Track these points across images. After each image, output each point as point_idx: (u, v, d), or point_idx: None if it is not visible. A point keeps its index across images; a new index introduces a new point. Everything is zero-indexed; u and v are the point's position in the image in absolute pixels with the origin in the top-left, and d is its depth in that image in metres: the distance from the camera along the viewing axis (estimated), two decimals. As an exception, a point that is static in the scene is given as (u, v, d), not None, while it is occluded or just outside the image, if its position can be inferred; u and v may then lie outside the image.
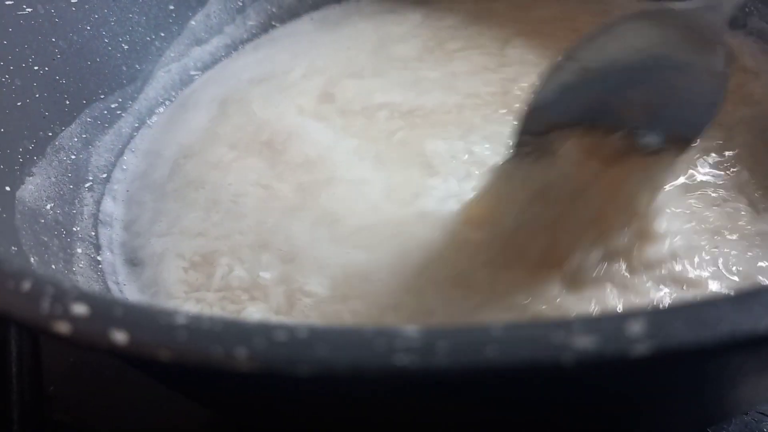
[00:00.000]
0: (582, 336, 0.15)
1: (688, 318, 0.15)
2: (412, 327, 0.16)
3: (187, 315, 0.18)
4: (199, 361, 0.17)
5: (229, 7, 0.56)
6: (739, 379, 0.18)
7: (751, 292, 0.15)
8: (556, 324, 0.16)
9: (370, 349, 0.16)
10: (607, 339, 0.15)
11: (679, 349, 0.15)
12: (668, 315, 0.15)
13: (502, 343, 0.15)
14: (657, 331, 0.15)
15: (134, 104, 0.50)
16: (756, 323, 0.14)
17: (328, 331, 0.17)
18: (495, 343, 0.15)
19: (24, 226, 0.35)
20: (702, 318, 0.15)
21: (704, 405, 0.20)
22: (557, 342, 0.15)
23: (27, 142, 0.40)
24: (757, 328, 0.14)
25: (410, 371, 0.15)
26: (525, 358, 0.15)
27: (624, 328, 0.15)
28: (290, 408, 0.24)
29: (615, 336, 0.15)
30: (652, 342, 0.15)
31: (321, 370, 0.16)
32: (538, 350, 0.15)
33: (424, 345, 0.16)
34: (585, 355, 0.15)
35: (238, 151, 0.47)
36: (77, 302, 0.19)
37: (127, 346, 0.17)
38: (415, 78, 0.50)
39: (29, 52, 0.43)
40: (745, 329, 0.15)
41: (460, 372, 0.15)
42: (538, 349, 0.15)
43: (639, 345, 0.15)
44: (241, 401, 0.26)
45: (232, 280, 0.39)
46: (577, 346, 0.15)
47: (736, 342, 0.15)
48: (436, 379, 0.15)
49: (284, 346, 0.16)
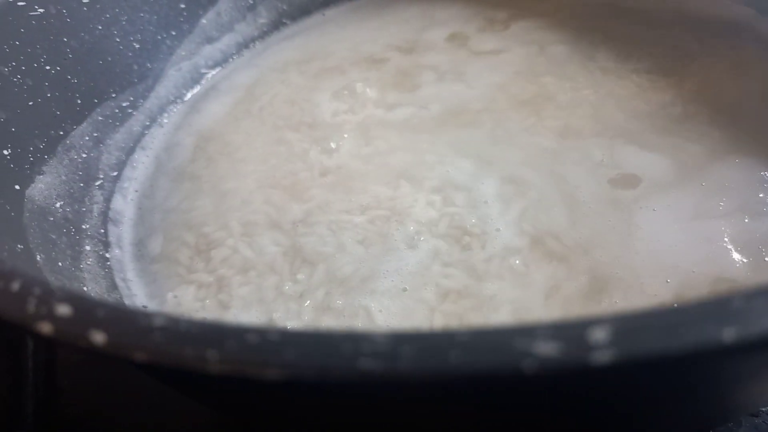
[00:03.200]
0: (545, 342, 0.15)
1: (654, 326, 0.15)
2: (381, 332, 0.16)
3: (165, 317, 0.18)
4: (172, 363, 0.17)
5: (240, 5, 0.57)
6: (714, 388, 0.17)
7: (720, 300, 0.15)
8: (523, 329, 0.15)
9: (337, 353, 0.16)
10: (569, 346, 0.15)
11: (643, 358, 0.14)
12: (634, 322, 0.15)
13: (465, 348, 0.15)
14: (621, 339, 0.15)
15: (145, 103, 0.51)
16: (719, 333, 0.14)
17: (299, 335, 0.17)
18: (459, 349, 0.15)
19: (32, 224, 0.36)
20: (668, 326, 0.15)
21: (680, 413, 0.20)
22: (520, 348, 0.15)
23: (38, 141, 0.41)
24: (722, 338, 0.14)
25: (374, 375, 0.15)
26: (487, 364, 0.15)
27: (588, 335, 0.15)
28: (278, 409, 0.24)
29: (578, 343, 0.15)
30: (615, 350, 0.15)
31: (288, 373, 0.16)
32: (500, 356, 0.15)
33: (389, 349, 0.16)
34: (547, 363, 0.15)
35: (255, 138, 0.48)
36: (61, 303, 0.19)
37: (105, 346, 0.18)
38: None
39: (41, 51, 0.43)
40: (711, 339, 0.14)
41: (422, 377, 0.15)
42: (500, 355, 0.15)
43: (601, 353, 0.15)
44: (236, 403, 0.27)
45: (235, 261, 0.40)
46: (539, 353, 0.15)
47: (701, 352, 0.14)
48: (399, 383, 0.15)
49: (255, 348, 0.17)
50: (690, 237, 0.36)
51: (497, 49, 0.53)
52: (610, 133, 0.43)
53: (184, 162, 0.49)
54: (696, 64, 0.47)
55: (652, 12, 0.53)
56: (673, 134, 0.42)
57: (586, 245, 0.36)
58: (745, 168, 0.39)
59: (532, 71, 0.50)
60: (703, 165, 0.40)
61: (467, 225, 0.39)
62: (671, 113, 0.43)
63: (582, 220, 0.38)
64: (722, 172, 0.39)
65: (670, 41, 0.50)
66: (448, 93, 0.49)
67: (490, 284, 0.36)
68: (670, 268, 0.35)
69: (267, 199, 0.44)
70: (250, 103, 0.52)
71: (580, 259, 0.36)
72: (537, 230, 0.38)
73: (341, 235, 0.40)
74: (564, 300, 0.34)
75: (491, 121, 0.46)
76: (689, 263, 0.35)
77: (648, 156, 0.40)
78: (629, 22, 0.53)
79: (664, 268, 0.35)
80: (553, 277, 0.35)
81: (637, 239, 0.36)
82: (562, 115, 0.45)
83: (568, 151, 0.42)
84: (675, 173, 0.39)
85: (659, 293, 0.34)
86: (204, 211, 0.44)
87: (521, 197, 0.40)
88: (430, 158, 0.44)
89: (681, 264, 0.35)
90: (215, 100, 0.53)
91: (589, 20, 0.54)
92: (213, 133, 0.50)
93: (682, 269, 0.34)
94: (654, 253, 0.35)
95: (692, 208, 0.37)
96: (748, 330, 0.14)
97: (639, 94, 0.45)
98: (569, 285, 0.35)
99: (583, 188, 0.39)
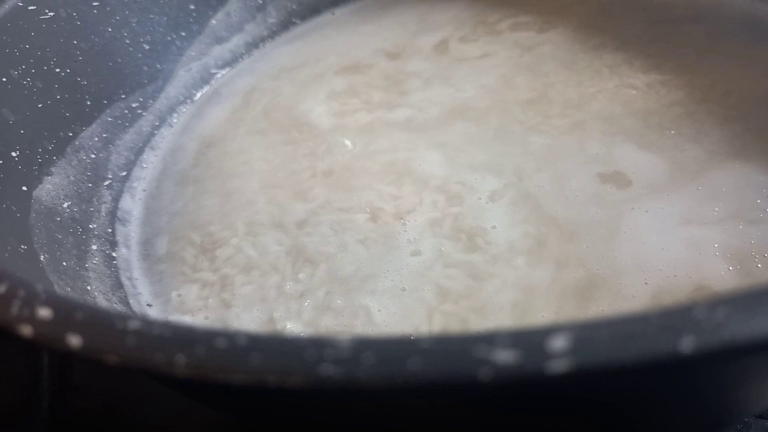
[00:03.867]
0: (504, 350, 0.15)
1: (614, 334, 0.15)
2: (347, 337, 0.16)
3: (141, 320, 0.19)
4: (142, 367, 0.17)
5: (250, 5, 0.57)
6: (680, 397, 0.17)
7: (682, 309, 0.15)
8: (484, 337, 0.15)
9: (300, 359, 0.16)
10: (527, 354, 0.15)
11: (600, 368, 0.14)
12: (594, 330, 0.15)
13: (425, 356, 0.15)
14: (579, 348, 0.15)
15: (155, 103, 0.51)
16: (677, 343, 0.14)
17: (266, 340, 0.17)
18: (418, 356, 0.15)
19: (38, 225, 0.37)
20: (628, 335, 0.15)
21: (645, 421, 0.20)
22: (479, 356, 0.15)
23: (47, 142, 0.42)
24: (679, 348, 0.14)
25: (333, 382, 0.15)
26: (443, 372, 0.15)
27: (546, 343, 0.15)
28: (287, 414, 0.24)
29: (536, 351, 0.15)
30: (572, 359, 0.14)
31: (252, 379, 0.16)
32: (456, 364, 0.15)
33: (351, 356, 0.16)
34: (502, 371, 0.15)
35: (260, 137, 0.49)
36: (43, 306, 0.20)
37: (81, 349, 0.18)
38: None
39: (51, 54, 0.44)
40: (668, 349, 0.14)
41: (379, 384, 0.15)
42: (457, 363, 0.15)
43: (558, 361, 0.14)
44: (239, 407, 0.27)
45: (239, 261, 0.40)
46: (497, 361, 0.15)
47: (658, 362, 0.14)
48: (358, 390, 0.15)
49: (222, 354, 0.17)
50: (678, 241, 0.35)
51: (505, 46, 0.53)
52: (612, 131, 0.42)
53: (187, 166, 0.49)
54: (705, 62, 0.46)
55: (662, 8, 0.52)
56: (675, 135, 0.41)
57: (576, 241, 0.36)
58: (744, 173, 0.38)
59: (538, 69, 0.49)
60: (701, 168, 0.39)
61: (469, 225, 0.39)
62: (675, 112, 0.43)
63: (574, 218, 0.38)
64: (720, 177, 0.38)
65: (680, 38, 0.49)
66: (450, 94, 0.49)
67: (491, 285, 0.36)
68: (651, 271, 0.34)
69: (271, 198, 0.44)
70: (249, 108, 0.52)
71: (571, 256, 0.36)
72: (538, 230, 0.38)
73: (343, 234, 0.40)
74: (560, 297, 0.34)
75: (496, 119, 0.46)
76: (671, 267, 0.34)
77: (646, 156, 0.40)
78: (638, 18, 0.52)
79: (645, 270, 0.34)
80: (552, 276, 0.35)
81: (624, 240, 0.36)
82: (568, 113, 0.45)
83: (571, 150, 0.42)
84: (671, 175, 0.39)
85: (636, 295, 0.33)
86: (210, 210, 0.45)
87: (523, 198, 0.40)
88: (430, 158, 0.44)
89: (663, 268, 0.34)
90: (217, 105, 0.54)
91: (597, 17, 0.53)
92: (215, 138, 0.50)
93: (664, 273, 0.34)
94: (638, 255, 0.35)
95: (685, 212, 0.37)
96: (707, 340, 0.14)
97: (646, 93, 0.45)
98: (564, 281, 0.35)
99: (580, 186, 0.39)
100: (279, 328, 0.36)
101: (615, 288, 0.34)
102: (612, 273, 0.34)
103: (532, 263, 0.36)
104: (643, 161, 0.40)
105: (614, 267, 0.35)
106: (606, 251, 0.36)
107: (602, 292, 0.34)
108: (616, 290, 0.34)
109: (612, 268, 0.35)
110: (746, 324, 0.14)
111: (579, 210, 0.38)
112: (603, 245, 0.36)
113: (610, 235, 0.36)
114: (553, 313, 0.34)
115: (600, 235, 0.36)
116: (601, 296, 0.34)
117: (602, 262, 0.35)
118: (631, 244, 0.36)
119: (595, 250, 0.36)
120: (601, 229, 0.37)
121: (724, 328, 0.14)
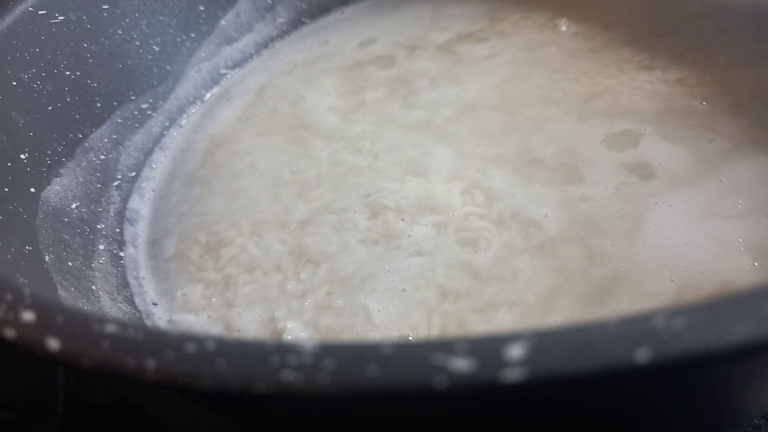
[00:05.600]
0: (461, 358, 0.15)
1: (571, 343, 0.15)
2: (313, 342, 0.17)
3: (118, 324, 0.19)
4: (114, 371, 0.18)
5: (259, 5, 0.57)
6: (645, 403, 0.17)
7: (641, 318, 0.15)
8: (443, 344, 0.15)
9: (263, 365, 0.16)
10: (482, 363, 0.15)
11: (555, 377, 0.14)
12: (551, 338, 0.15)
13: (383, 363, 0.15)
14: (535, 357, 0.14)
15: (165, 104, 0.52)
16: (632, 353, 0.14)
17: (235, 345, 0.17)
18: (376, 363, 0.15)
19: (45, 225, 0.37)
20: (584, 344, 0.14)
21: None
22: (435, 364, 0.15)
23: (56, 144, 0.42)
24: (634, 359, 0.14)
25: (294, 388, 0.16)
26: (400, 379, 0.15)
27: (502, 352, 0.15)
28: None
29: (491, 360, 0.15)
30: (527, 368, 0.14)
31: (216, 385, 0.16)
32: (414, 372, 0.15)
33: (312, 362, 0.16)
34: (458, 379, 0.15)
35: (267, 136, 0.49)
36: (27, 310, 0.20)
37: (58, 353, 0.19)
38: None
39: (61, 57, 0.45)
40: (623, 359, 0.14)
41: (337, 391, 0.15)
42: (414, 370, 0.15)
43: (513, 370, 0.14)
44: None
45: (242, 260, 0.41)
46: (453, 369, 0.15)
47: (612, 372, 0.14)
48: (316, 396, 0.15)
49: (189, 359, 0.17)
50: (702, 236, 0.35)
51: (530, 43, 0.52)
52: (633, 125, 0.42)
53: (196, 166, 0.50)
54: (721, 55, 0.45)
55: (675, 3, 0.51)
56: (695, 128, 0.40)
57: (596, 237, 0.36)
58: (765, 165, 0.37)
59: (556, 66, 0.49)
60: (723, 161, 0.38)
61: (470, 225, 0.39)
62: (694, 106, 0.42)
63: (594, 213, 0.37)
64: (742, 169, 0.37)
65: (693, 32, 0.48)
66: (457, 93, 0.49)
67: (491, 286, 0.36)
68: (676, 267, 0.34)
69: (275, 198, 0.44)
70: (258, 106, 0.53)
71: (588, 252, 0.35)
72: (556, 228, 0.37)
73: (345, 234, 0.40)
74: (569, 296, 0.34)
75: (505, 116, 0.46)
76: (697, 264, 0.33)
77: (669, 149, 0.39)
78: (651, 13, 0.51)
79: (669, 267, 0.34)
80: (559, 271, 0.35)
81: (647, 235, 0.35)
82: (588, 108, 0.44)
83: (589, 147, 0.41)
84: (694, 169, 0.38)
85: (661, 292, 0.33)
86: (216, 210, 0.45)
87: (530, 197, 0.39)
88: (437, 157, 0.44)
89: (688, 264, 0.34)
90: (227, 104, 0.54)
91: (610, 12, 0.53)
92: (224, 137, 0.51)
93: (689, 270, 0.33)
94: (662, 251, 0.34)
95: (708, 205, 0.36)
96: (663, 351, 0.14)
97: (664, 87, 0.44)
98: (588, 279, 0.34)
99: (601, 181, 0.39)
100: (279, 328, 0.37)
101: (639, 284, 0.33)
102: (637, 270, 0.34)
103: (547, 261, 0.36)
104: (666, 155, 0.39)
105: (638, 264, 0.34)
106: (628, 248, 0.35)
107: (623, 288, 0.33)
108: (640, 287, 0.33)
109: (636, 264, 0.34)
110: (704, 335, 0.14)
111: (601, 205, 0.38)
112: (626, 242, 0.35)
113: (633, 231, 0.36)
114: (572, 313, 0.33)
115: (623, 231, 0.36)
116: (623, 294, 0.33)
117: (626, 259, 0.35)
118: (655, 240, 0.35)
119: (618, 247, 0.35)
120: (624, 225, 0.36)
121: (681, 338, 0.14)
